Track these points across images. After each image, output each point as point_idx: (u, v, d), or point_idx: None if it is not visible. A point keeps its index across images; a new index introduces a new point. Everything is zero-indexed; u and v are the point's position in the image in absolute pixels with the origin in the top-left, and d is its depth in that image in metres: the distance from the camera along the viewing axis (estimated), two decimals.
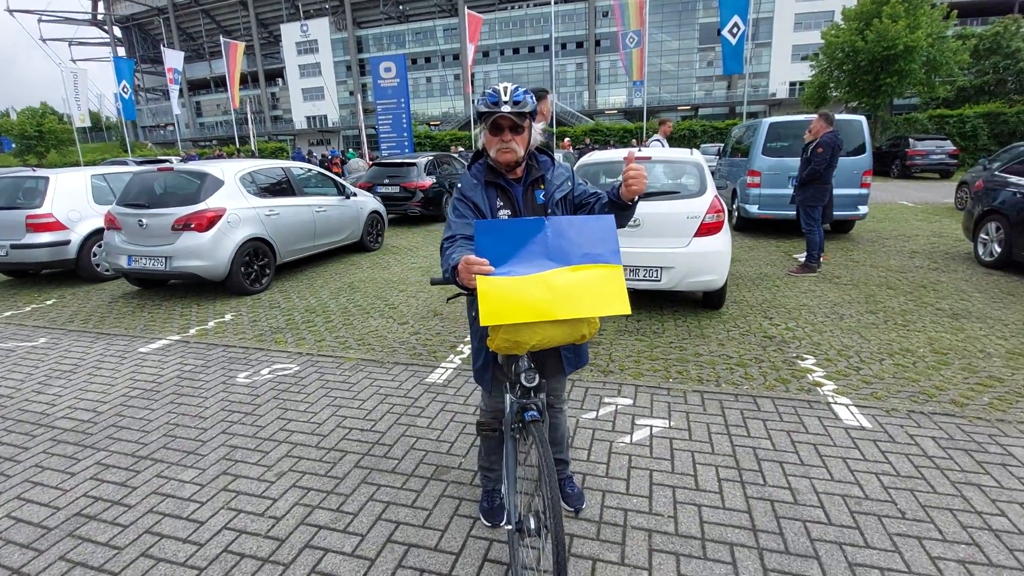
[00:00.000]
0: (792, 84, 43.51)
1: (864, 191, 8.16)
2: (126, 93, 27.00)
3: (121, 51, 61.59)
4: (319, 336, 4.62)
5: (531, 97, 1.79)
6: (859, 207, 8.20)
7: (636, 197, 1.74)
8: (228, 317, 5.23)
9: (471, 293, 1.68)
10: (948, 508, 2.31)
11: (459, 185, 1.91)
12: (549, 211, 1.89)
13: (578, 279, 1.51)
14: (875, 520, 2.24)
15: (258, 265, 6.06)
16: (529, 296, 1.46)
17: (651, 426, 2.99)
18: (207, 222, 5.51)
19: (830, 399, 3.28)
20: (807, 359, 3.89)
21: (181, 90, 28.15)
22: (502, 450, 2.19)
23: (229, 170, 5.95)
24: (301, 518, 2.30)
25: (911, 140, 20.01)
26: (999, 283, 5.80)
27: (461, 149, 23.57)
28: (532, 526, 1.67)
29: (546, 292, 1.47)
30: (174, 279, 5.90)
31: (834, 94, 25.63)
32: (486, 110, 1.76)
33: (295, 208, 6.62)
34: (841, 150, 6.29)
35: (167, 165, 6.07)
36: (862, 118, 8.32)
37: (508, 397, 1.79)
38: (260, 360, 4.10)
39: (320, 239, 7.12)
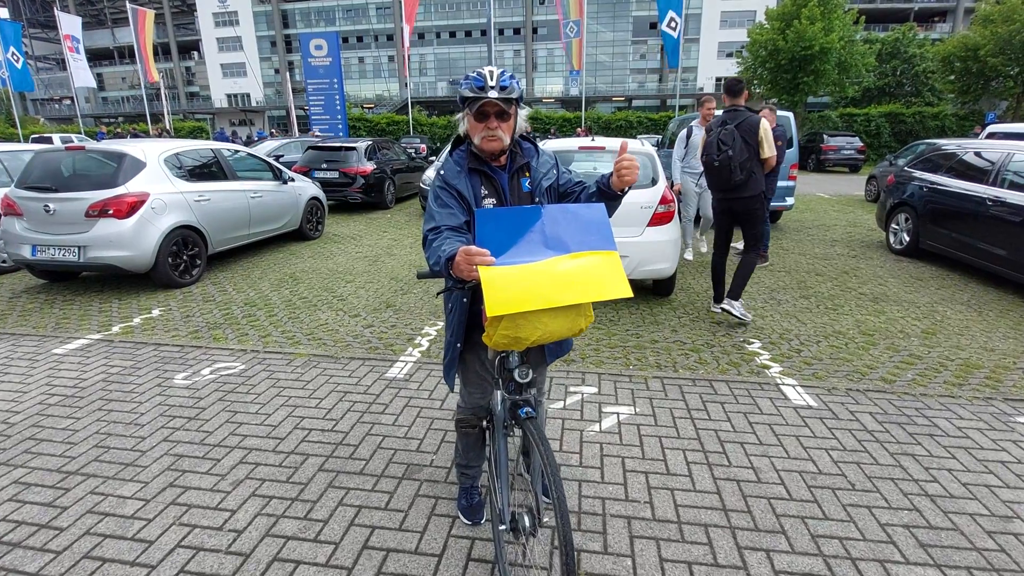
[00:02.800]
0: (718, 79, 45.64)
1: (791, 183, 8.69)
2: (17, 61, 23.93)
3: (4, 12, 54.51)
4: (263, 331, 4.33)
5: (518, 83, 1.73)
6: (787, 198, 8.74)
7: (627, 187, 1.73)
8: (156, 312, 4.79)
9: (465, 286, 1.60)
10: (890, 478, 2.51)
11: (441, 172, 1.82)
12: (536, 199, 1.84)
13: (579, 265, 1.48)
14: (830, 493, 2.39)
15: (187, 255, 5.58)
16: (534, 283, 1.41)
17: (618, 413, 3.05)
18: (128, 208, 5.00)
19: (778, 380, 3.48)
20: (753, 343, 4.11)
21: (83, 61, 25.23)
22: (481, 446, 2.15)
23: (151, 151, 5.42)
24: (265, 529, 2.14)
25: (825, 136, 21.61)
26: (909, 269, 6.39)
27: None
28: (527, 524, 1.64)
29: (550, 279, 1.44)
30: (89, 271, 5.33)
31: (757, 90, 27.14)
32: (471, 95, 1.68)
33: (228, 193, 6.14)
34: None
35: (77, 144, 5.43)
36: (789, 114, 8.83)
37: (499, 394, 1.74)
38: (199, 359, 3.78)
39: (256, 227, 6.67)
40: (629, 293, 1.46)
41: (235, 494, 2.35)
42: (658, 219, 4.69)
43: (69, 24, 24.29)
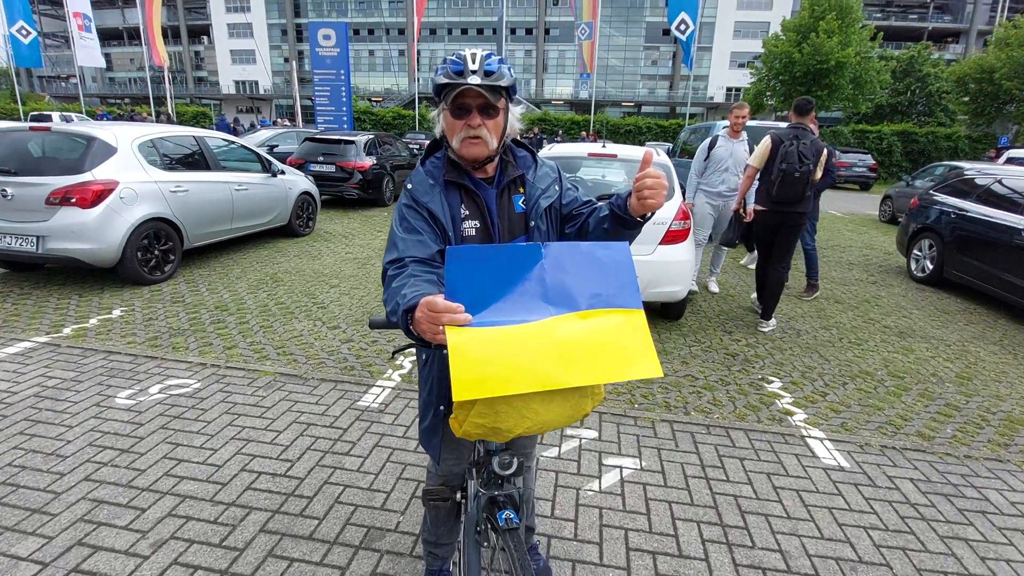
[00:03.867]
0: (729, 89, 45.26)
1: None
2: (25, 36, 23.39)
3: None
4: (230, 341, 3.91)
5: (509, 69, 1.31)
6: None
7: (650, 213, 1.31)
8: (116, 313, 4.37)
9: (431, 346, 1.19)
10: (943, 572, 2.10)
11: (408, 186, 1.40)
12: (532, 224, 1.43)
13: (589, 330, 1.06)
14: None
15: (160, 250, 5.16)
16: (524, 355, 0.99)
17: (621, 467, 2.63)
18: (93, 196, 4.57)
19: (803, 431, 3.06)
20: (773, 382, 3.69)
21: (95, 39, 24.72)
22: (454, 521, 1.74)
23: (124, 135, 4.99)
24: None
25: (837, 152, 21.17)
26: (933, 300, 5.97)
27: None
28: None
29: (547, 349, 1.02)
30: (49, 263, 4.90)
31: (769, 102, 26.73)
32: (447, 81, 1.26)
33: (209, 184, 5.72)
34: None
35: (42, 124, 5.02)
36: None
37: (472, 484, 1.32)
38: (150, 373, 3.36)
39: (239, 221, 6.25)
40: (659, 372, 1.05)
41: (153, 561, 1.93)
42: (672, 237, 4.28)
43: (77, 1, 23.81)
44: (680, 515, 2.31)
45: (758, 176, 4.64)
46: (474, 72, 1.22)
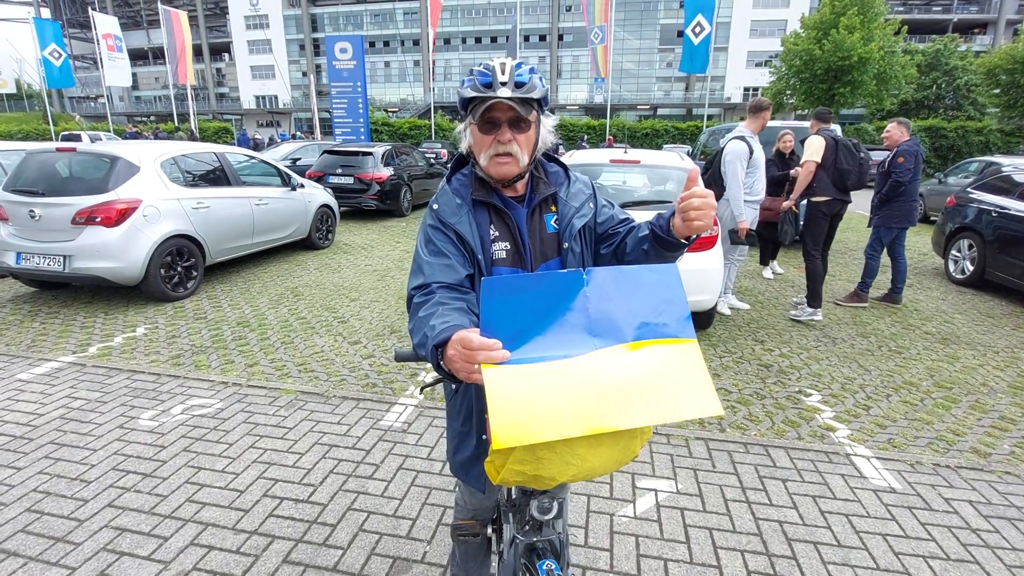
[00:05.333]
0: (746, 89, 44.63)
1: None
2: (57, 58, 24.23)
3: (45, 12, 56.11)
4: (251, 359, 3.89)
5: (541, 79, 1.22)
6: None
7: (695, 235, 1.21)
8: (140, 331, 4.38)
9: (463, 384, 1.10)
10: None
11: (434, 207, 1.31)
12: (565, 245, 1.33)
13: (639, 364, 0.96)
14: None
15: (183, 266, 5.20)
16: (569, 396, 0.90)
17: (655, 490, 2.50)
18: (117, 215, 4.62)
19: (848, 449, 2.89)
20: (811, 395, 3.52)
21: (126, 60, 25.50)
22: (485, 555, 1.65)
23: (147, 154, 5.05)
24: None
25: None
26: (975, 303, 5.70)
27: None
28: None
29: (594, 387, 0.92)
30: (75, 282, 4.97)
31: (790, 101, 26.26)
32: (474, 95, 1.17)
33: (230, 200, 5.75)
34: (923, 160, 5.38)
35: (69, 145, 5.09)
36: (836, 127, 8.17)
37: (508, 528, 1.22)
38: (173, 392, 3.34)
39: (260, 236, 6.28)
40: (719, 410, 0.94)
41: None
42: (699, 243, 4.13)
43: (107, 24, 24.57)
44: (722, 543, 2.17)
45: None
46: (504, 84, 1.13)
